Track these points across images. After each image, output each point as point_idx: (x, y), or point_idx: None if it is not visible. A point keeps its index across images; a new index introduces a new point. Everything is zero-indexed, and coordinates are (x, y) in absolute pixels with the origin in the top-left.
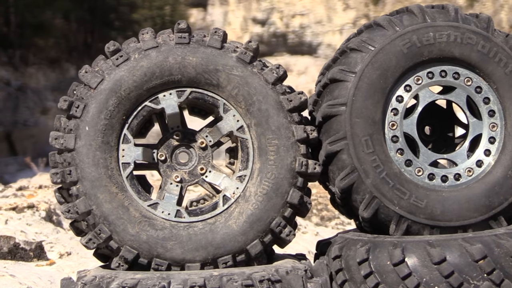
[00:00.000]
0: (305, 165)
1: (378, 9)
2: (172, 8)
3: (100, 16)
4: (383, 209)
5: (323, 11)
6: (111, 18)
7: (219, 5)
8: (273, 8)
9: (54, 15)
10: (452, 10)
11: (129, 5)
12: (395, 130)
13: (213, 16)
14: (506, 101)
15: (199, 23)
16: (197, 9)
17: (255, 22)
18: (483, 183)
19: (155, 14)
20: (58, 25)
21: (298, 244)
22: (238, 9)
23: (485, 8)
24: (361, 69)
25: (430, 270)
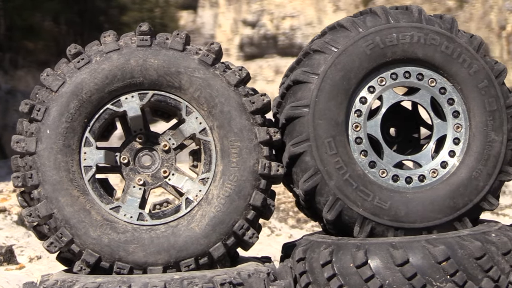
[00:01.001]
0: (268, 167)
1: None
2: (162, 11)
3: (89, 18)
4: (347, 211)
5: (313, 13)
6: (100, 20)
7: (209, 7)
8: (263, 10)
9: (43, 18)
10: (416, 11)
11: (119, 8)
12: (359, 131)
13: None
14: (470, 101)
15: (189, 25)
16: (187, 12)
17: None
18: (447, 184)
19: (145, 16)
20: (48, 28)
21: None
22: (228, 11)
23: (475, 9)
24: (324, 71)
25: (393, 272)
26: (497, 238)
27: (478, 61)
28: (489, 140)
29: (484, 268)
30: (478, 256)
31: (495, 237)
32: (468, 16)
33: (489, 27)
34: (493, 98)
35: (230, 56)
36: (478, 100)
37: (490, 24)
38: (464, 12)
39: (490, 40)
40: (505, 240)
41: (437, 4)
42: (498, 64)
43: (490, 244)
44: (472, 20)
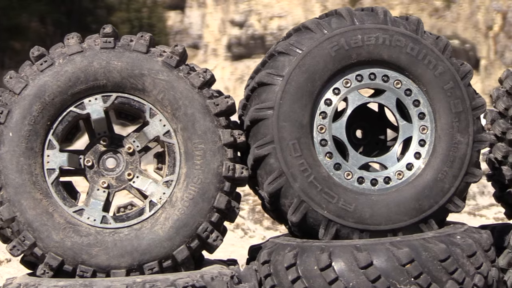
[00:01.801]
0: (232, 170)
1: None
2: (149, 11)
3: (77, 19)
4: (312, 213)
5: (301, 13)
6: (88, 21)
7: (197, 7)
8: (251, 10)
9: (30, 18)
10: (381, 13)
11: (106, 8)
12: (324, 133)
13: (191, 19)
14: (436, 103)
15: (176, 25)
16: (175, 12)
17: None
18: (413, 186)
19: (133, 16)
20: (35, 28)
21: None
22: (216, 12)
23: (462, 9)
24: (289, 73)
25: (357, 274)
26: (462, 240)
27: (443, 62)
28: (455, 142)
29: (449, 271)
30: (443, 258)
31: (460, 239)
32: (456, 16)
33: (476, 27)
34: (458, 100)
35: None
36: (443, 101)
37: (477, 24)
38: (451, 12)
39: (477, 40)
40: (470, 242)
41: (425, 4)
42: (464, 65)
43: (455, 246)
44: (459, 20)
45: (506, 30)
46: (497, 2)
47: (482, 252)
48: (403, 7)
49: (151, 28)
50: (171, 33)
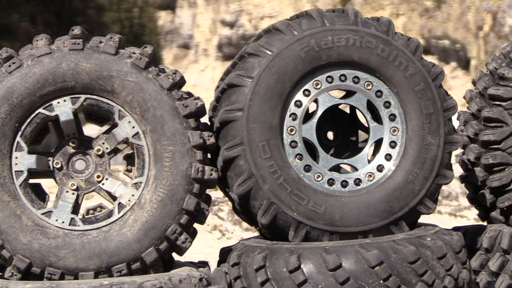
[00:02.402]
0: (201, 171)
1: None
2: (140, 11)
3: (67, 19)
4: (281, 215)
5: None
6: (78, 21)
7: (188, 7)
8: (241, 10)
9: (20, 18)
10: (352, 14)
11: (96, 8)
12: (294, 135)
13: (182, 19)
14: (406, 104)
15: (167, 25)
16: (165, 12)
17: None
18: (383, 188)
19: (123, 16)
20: (25, 29)
21: None
22: (206, 12)
23: (452, 9)
24: (258, 74)
25: (326, 276)
26: (432, 242)
27: (414, 64)
28: (426, 144)
29: (418, 273)
30: (412, 260)
31: (430, 241)
32: (446, 16)
33: (467, 27)
34: (429, 101)
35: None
36: (414, 103)
37: (468, 24)
38: (441, 13)
39: (468, 40)
40: (440, 244)
41: (415, 5)
42: (435, 67)
43: (425, 248)
44: (450, 20)
45: (496, 30)
46: (487, 3)
47: (452, 254)
48: (394, 7)
49: (141, 28)
50: (162, 33)
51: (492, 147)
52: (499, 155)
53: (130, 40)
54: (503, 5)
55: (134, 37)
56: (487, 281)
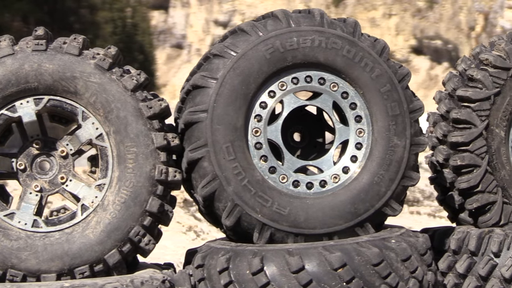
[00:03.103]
0: (165, 173)
1: (339, 11)
2: (133, 10)
3: (59, 18)
4: (246, 217)
5: None
6: (71, 20)
7: (181, 7)
8: (234, 10)
9: (12, 18)
10: (318, 15)
11: (89, 8)
12: (259, 136)
13: (175, 18)
14: (372, 106)
15: (160, 25)
16: (158, 11)
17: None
18: (348, 190)
19: (116, 16)
20: (17, 28)
21: None
22: (199, 11)
23: (445, 9)
24: (223, 75)
25: (289, 279)
26: (396, 244)
27: (380, 65)
28: (392, 145)
29: (382, 275)
30: (376, 262)
31: (394, 243)
32: (438, 16)
33: (459, 28)
34: (395, 103)
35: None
36: (380, 104)
37: (460, 25)
38: (434, 13)
39: (460, 40)
40: (404, 246)
41: (408, 5)
42: (402, 68)
43: (389, 251)
44: (442, 21)
45: (488, 30)
46: (479, 3)
47: (417, 256)
48: (386, 8)
49: (134, 27)
50: (155, 32)
51: (461, 149)
52: (467, 156)
53: (123, 40)
54: (495, 6)
55: (127, 36)
56: (455, 283)
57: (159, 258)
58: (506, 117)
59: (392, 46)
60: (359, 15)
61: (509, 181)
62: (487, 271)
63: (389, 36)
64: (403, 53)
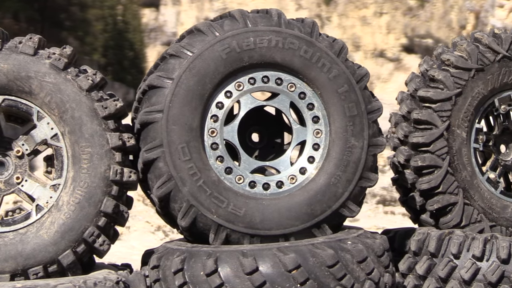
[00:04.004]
0: (120, 173)
1: (330, 9)
2: (124, 8)
3: (50, 16)
4: (201, 218)
5: None
6: (61, 18)
7: (172, 5)
8: (225, 8)
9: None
10: (275, 15)
11: (80, 5)
12: (215, 137)
13: (166, 16)
14: (330, 107)
15: (151, 23)
16: (149, 9)
17: None
18: (305, 191)
19: (107, 14)
20: (7, 25)
21: None
22: (190, 9)
23: (436, 8)
24: (179, 75)
25: (242, 280)
26: (352, 246)
27: (338, 65)
28: (349, 146)
29: (337, 277)
30: (330, 264)
31: (350, 245)
32: (429, 15)
33: (450, 27)
34: (353, 103)
35: None
36: (338, 105)
37: (451, 24)
38: (425, 12)
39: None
40: (360, 247)
41: (399, 4)
42: (360, 68)
43: (344, 252)
44: (433, 20)
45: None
46: (470, 2)
47: (374, 258)
48: (377, 6)
49: (125, 25)
50: (146, 30)
51: (421, 150)
52: (428, 157)
53: (114, 37)
54: (486, 5)
55: (117, 34)
56: (414, 284)
57: (126, 258)
58: (468, 117)
59: (383, 45)
60: (350, 14)
61: (471, 182)
62: (447, 272)
63: (380, 35)
64: (394, 51)
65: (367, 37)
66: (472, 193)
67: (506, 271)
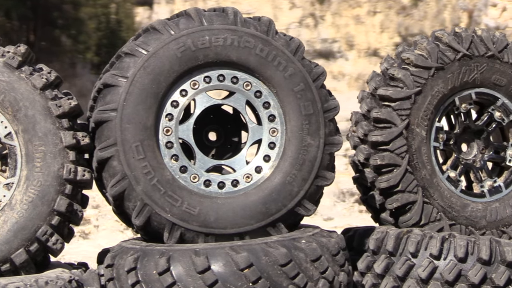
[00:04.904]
0: (74, 172)
1: (324, 8)
2: (117, 7)
3: (43, 14)
4: (155, 217)
5: (269, 10)
6: (54, 16)
7: (165, 3)
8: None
9: None
10: (231, 13)
11: (72, 3)
12: (170, 136)
13: (159, 15)
14: (286, 105)
15: (145, 21)
16: (143, 7)
17: None
18: (260, 190)
19: (100, 12)
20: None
21: None
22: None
23: (429, 7)
24: (133, 74)
25: (194, 279)
26: (306, 245)
27: (294, 64)
28: (305, 145)
29: (289, 275)
30: (283, 263)
31: (304, 244)
32: (423, 14)
33: (443, 25)
34: (309, 102)
35: None
36: (293, 104)
37: (444, 23)
38: (418, 11)
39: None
40: (314, 246)
41: (392, 2)
42: (317, 67)
43: (298, 251)
44: (426, 19)
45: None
46: (463, 1)
47: (329, 257)
48: (371, 5)
49: (118, 24)
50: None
51: (381, 148)
52: (387, 156)
53: (107, 36)
54: (479, 4)
55: (111, 32)
56: (373, 283)
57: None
58: (427, 116)
59: (377, 44)
60: (343, 12)
61: (430, 181)
62: (404, 271)
63: (373, 34)
64: (387, 50)
65: (360, 36)
66: (431, 191)
67: (463, 270)
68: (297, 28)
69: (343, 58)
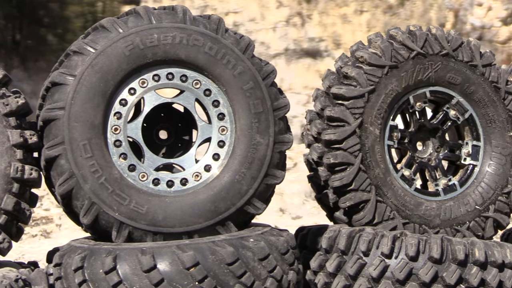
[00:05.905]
0: (21, 171)
1: (311, 6)
2: (104, 5)
3: (29, 12)
4: (103, 215)
5: (256, 9)
6: (40, 14)
7: (152, 2)
8: (206, 5)
9: None
10: (181, 12)
11: (59, 2)
12: (118, 134)
13: None
14: (235, 104)
15: None
16: (129, 6)
17: None
18: (209, 188)
19: (86, 10)
20: None
21: None
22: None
23: (415, 6)
24: (81, 72)
25: (140, 278)
26: (254, 244)
27: (243, 62)
28: (254, 143)
29: (236, 274)
30: (230, 261)
31: (252, 242)
32: (409, 13)
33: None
34: (259, 100)
35: None
36: (243, 102)
37: (430, 22)
38: (405, 10)
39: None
40: (262, 245)
41: (379, 2)
42: (267, 65)
43: (245, 250)
44: (413, 18)
45: (458, 28)
46: (449, 0)
47: (277, 255)
48: (358, 4)
49: None
50: None
51: (334, 147)
52: (340, 154)
53: None
54: (465, 3)
55: None
56: (325, 282)
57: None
58: (381, 115)
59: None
60: (330, 11)
61: (384, 180)
62: (356, 270)
63: (360, 33)
64: None
65: (347, 35)
66: (385, 190)
67: (414, 269)
68: (284, 27)
69: (330, 57)
